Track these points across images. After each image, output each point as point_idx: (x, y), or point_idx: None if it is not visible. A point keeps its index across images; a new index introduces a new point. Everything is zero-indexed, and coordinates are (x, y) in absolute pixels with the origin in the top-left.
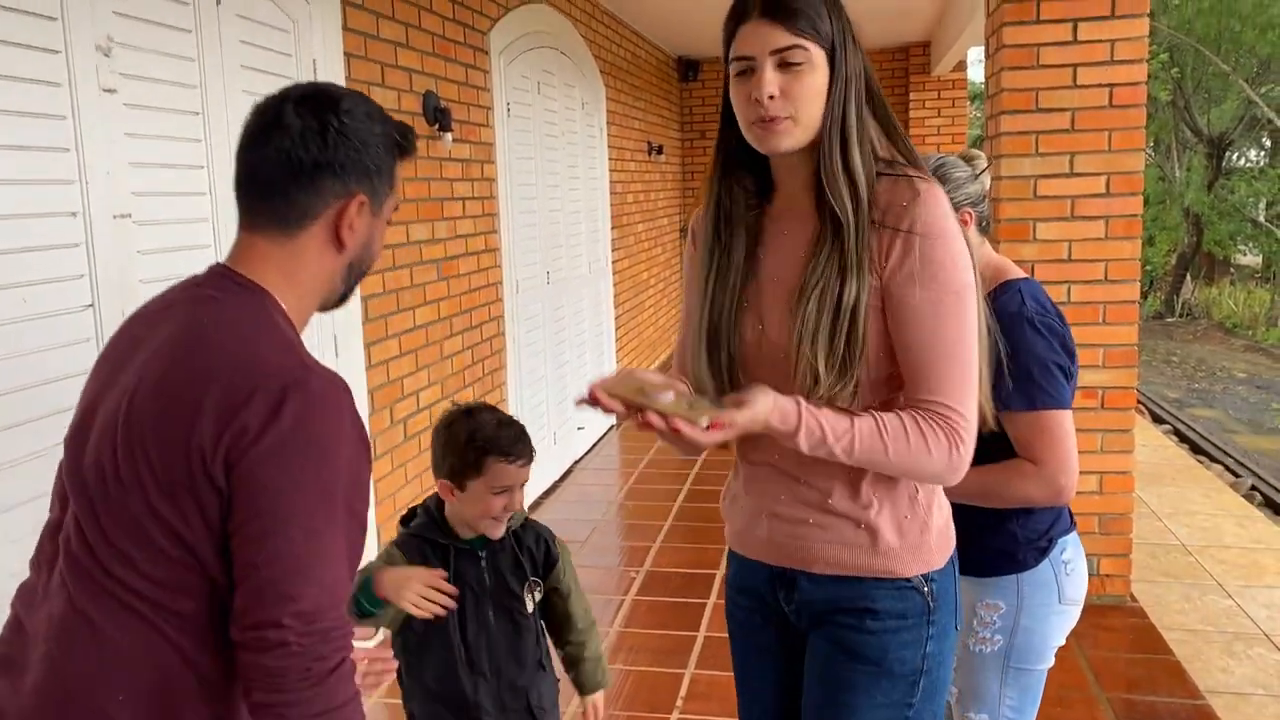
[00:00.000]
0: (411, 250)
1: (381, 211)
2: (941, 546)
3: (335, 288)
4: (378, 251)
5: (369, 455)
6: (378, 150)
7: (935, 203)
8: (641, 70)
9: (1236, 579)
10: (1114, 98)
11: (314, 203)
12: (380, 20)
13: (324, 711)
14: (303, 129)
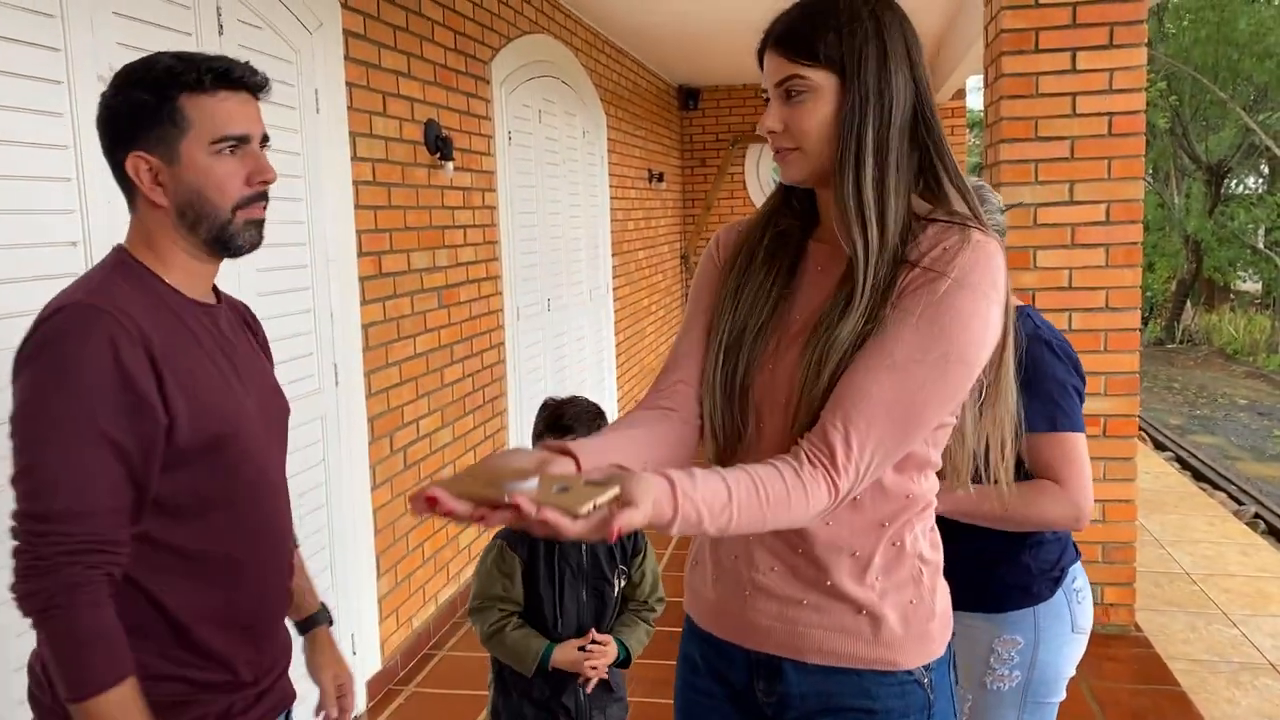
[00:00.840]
0: (413, 278)
1: (179, 156)
2: (943, 633)
3: (185, 238)
4: (215, 188)
5: (132, 383)
6: (133, 110)
7: (986, 257)
8: (642, 98)
9: (1242, 608)
10: (1113, 126)
11: (119, 177)
12: (382, 50)
13: (44, 609)
14: (96, 124)
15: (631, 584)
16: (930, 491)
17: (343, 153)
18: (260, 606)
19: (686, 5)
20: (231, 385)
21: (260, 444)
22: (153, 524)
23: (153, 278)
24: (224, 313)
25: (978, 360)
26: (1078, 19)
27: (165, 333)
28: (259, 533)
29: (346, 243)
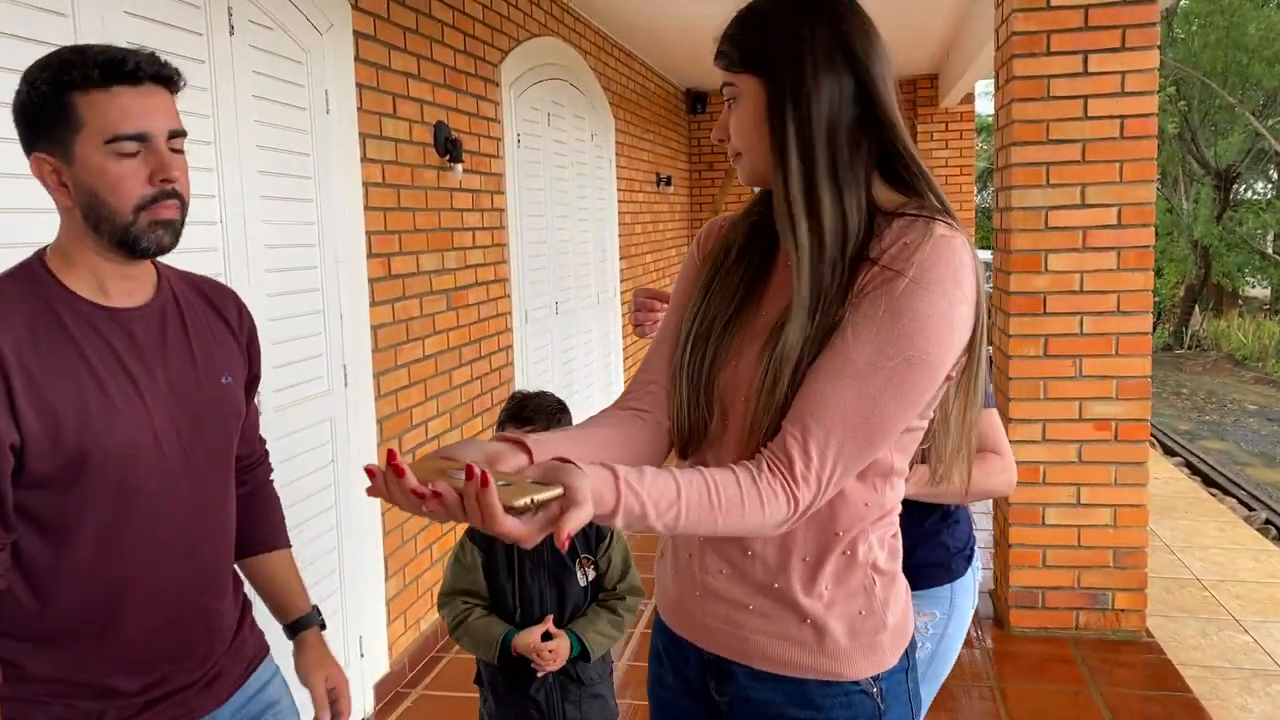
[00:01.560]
0: (421, 280)
1: (74, 156)
2: (896, 644)
3: (92, 236)
4: (109, 189)
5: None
6: (36, 106)
7: (948, 252)
8: (650, 102)
9: (1253, 614)
10: (1125, 129)
11: (35, 178)
12: (392, 52)
13: None
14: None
15: (600, 573)
16: (892, 500)
17: (352, 154)
18: (148, 621)
19: (695, 8)
20: (113, 399)
21: (156, 455)
22: (25, 536)
23: (52, 285)
24: (148, 314)
25: (942, 361)
26: (1090, 22)
27: (38, 347)
28: (146, 548)
29: (356, 244)
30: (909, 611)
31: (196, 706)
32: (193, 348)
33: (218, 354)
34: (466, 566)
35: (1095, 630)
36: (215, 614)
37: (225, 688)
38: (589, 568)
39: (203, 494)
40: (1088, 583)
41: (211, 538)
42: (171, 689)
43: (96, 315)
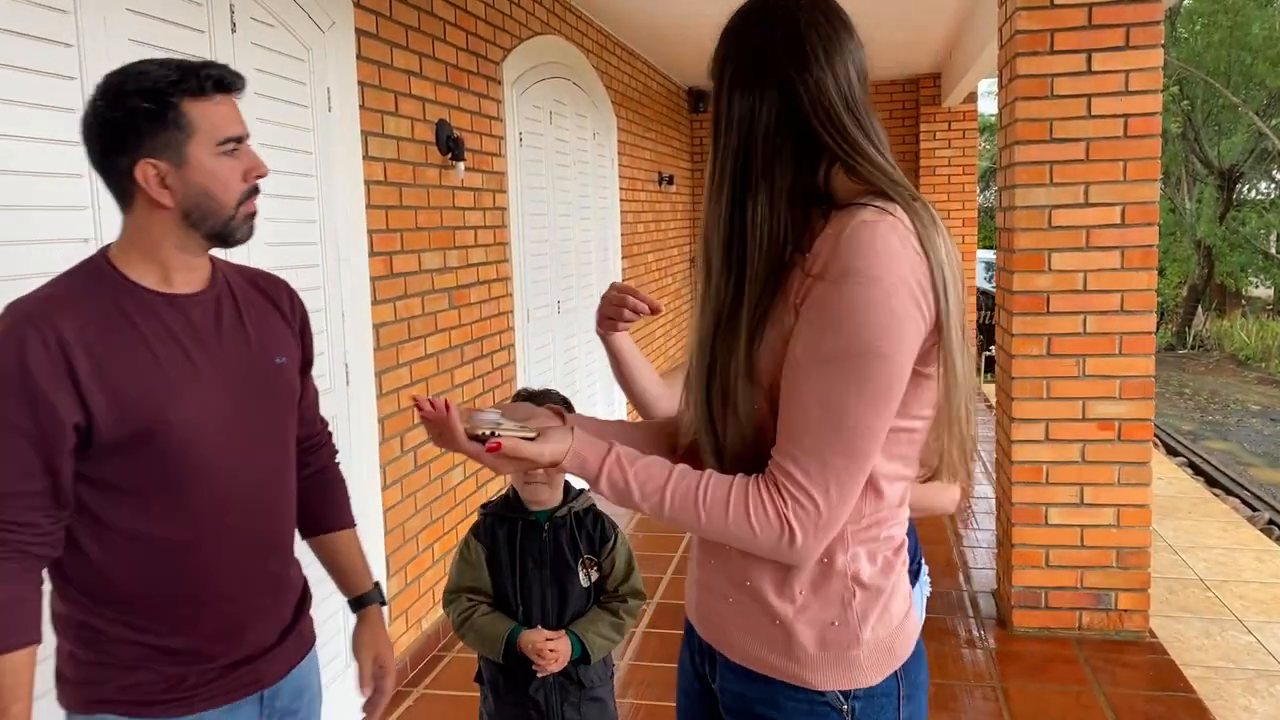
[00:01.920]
0: (423, 279)
1: (187, 159)
2: (876, 663)
3: (188, 233)
4: (220, 187)
5: (32, 380)
6: (134, 119)
7: (870, 238)
8: (652, 100)
9: (1257, 614)
10: (1129, 128)
11: (118, 184)
12: (394, 49)
13: None
14: (82, 129)
15: (603, 574)
16: (880, 511)
17: (354, 152)
18: (214, 586)
19: (697, 6)
20: (173, 378)
21: (215, 428)
22: (96, 504)
23: (116, 278)
24: (205, 300)
25: (895, 350)
26: (1093, 20)
27: (102, 334)
28: (211, 514)
29: (358, 242)
30: (904, 633)
31: (265, 674)
32: (247, 330)
33: (270, 336)
34: (471, 563)
35: (1098, 630)
36: (281, 578)
37: (288, 661)
38: (592, 569)
39: (265, 466)
40: (1091, 583)
41: (273, 506)
42: (247, 654)
43: (157, 302)
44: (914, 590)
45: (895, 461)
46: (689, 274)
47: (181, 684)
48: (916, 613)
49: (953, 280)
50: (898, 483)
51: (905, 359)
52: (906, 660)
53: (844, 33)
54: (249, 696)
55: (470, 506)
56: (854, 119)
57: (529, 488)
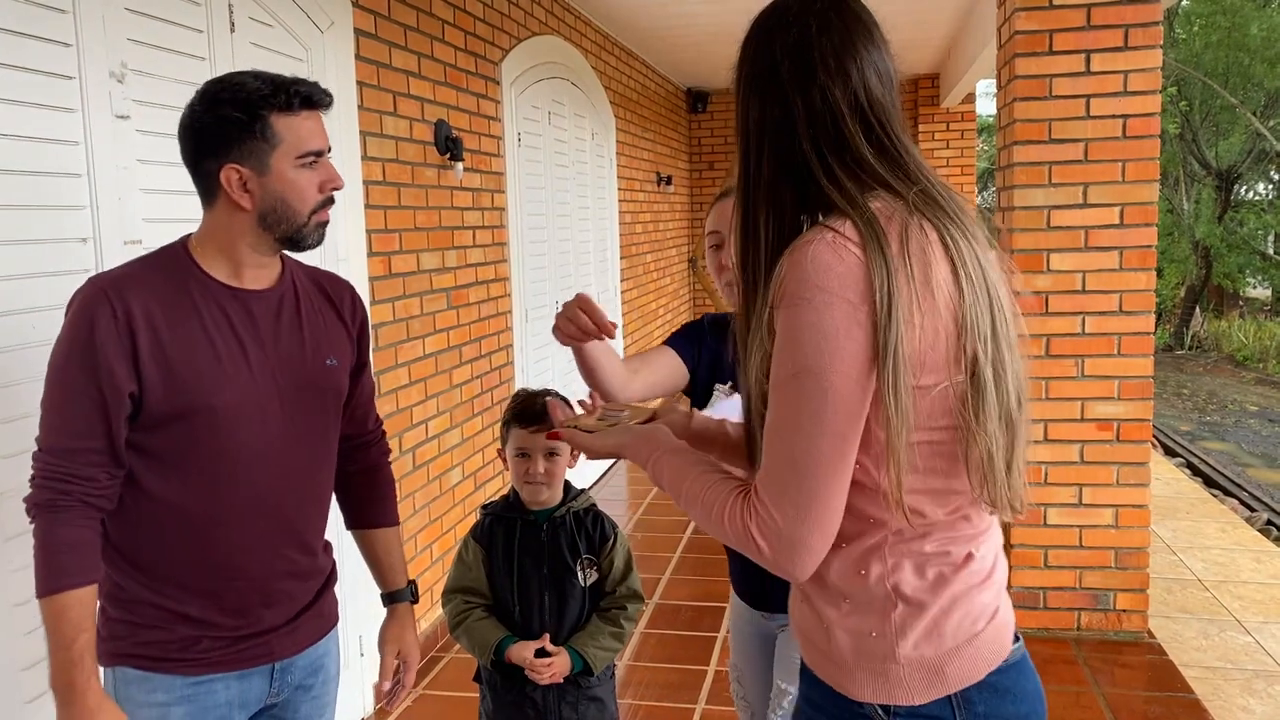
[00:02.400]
0: (422, 279)
1: (269, 168)
2: (920, 682)
3: (261, 235)
4: (297, 197)
5: (99, 350)
6: (225, 126)
7: (799, 262)
8: (651, 101)
9: (1255, 615)
10: (1127, 129)
11: (205, 183)
12: (393, 50)
13: (30, 517)
14: (179, 129)
15: (601, 575)
16: (916, 524)
17: (353, 152)
18: (234, 564)
19: (696, 7)
20: (224, 365)
21: (257, 417)
22: (139, 470)
23: (191, 266)
24: (269, 296)
25: (830, 369)
26: (1092, 21)
27: (167, 314)
28: (240, 496)
29: (357, 243)
30: (963, 658)
31: (277, 649)
32: (303, 329)
33: (325, 338)
34: (468, 564)
35: (1097, 631)
36: (298, 565)
37: (303, 640)
38: (590, 569)
39: (299, 460)
40: (1089, 583)
41: (302, 499)
42: (258, 630)
43: (223, 294)
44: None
45: (920, 475)
46: (687, 274)
47: (195, 646)
48: (1002, 642)
49: (910, 288)
50: (936, 498)
51: (843, 375)
52: (968, 688)
53: (859, 36)
54: (259, 667)
55: (469, 507)
56: (863, 126)
57: (528, 488)
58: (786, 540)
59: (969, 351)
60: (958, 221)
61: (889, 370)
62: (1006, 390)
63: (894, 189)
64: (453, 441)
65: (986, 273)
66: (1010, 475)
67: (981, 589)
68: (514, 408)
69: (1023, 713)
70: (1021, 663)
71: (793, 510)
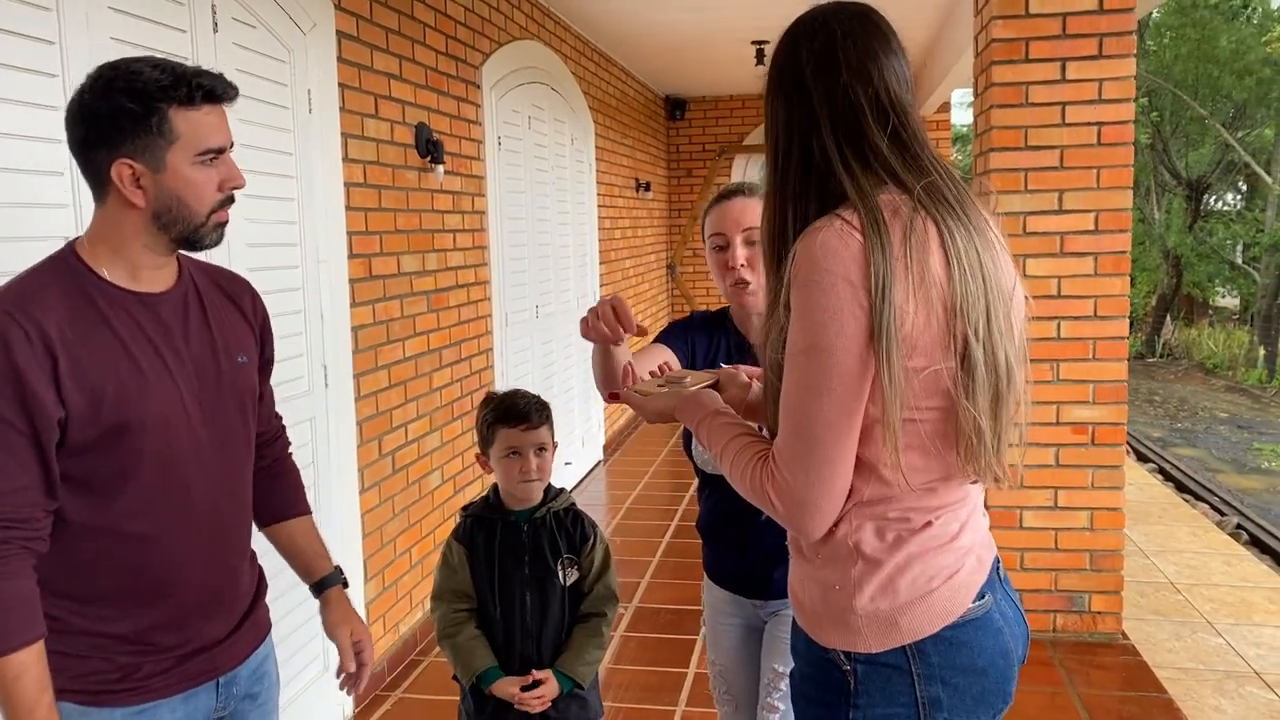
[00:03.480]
0: (402, 281)
1: (165, 165)
2: (879, 634)
3: (156, 235)
4: (194, 196)
5: (23, 377)
6: (118, 117)
7: (807, 247)
8: (629, 108)
9: (1226, 617)
10: (1102, 136)
11: (94, 176)
12: (374, 52)
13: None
14: (67, 114)
15: (582, 575)
16: (885, 493)
17: (334, 154)
18: (173, 579)
19: (674, 15)
20: (146, 374)
21: (184, 425)
22: (70, 500)
23: (85, 273)
24: (172, 298)
25: (835, 344)
26: (1068, 29)
27: (78, 329)
28: (175, 509)
29: (337, 244)
30: (915, 613)
31: (221, 662)
32: (211, 329)
33: (233, 337)
34: (453, 567)
35: (1073, 632)
36: (238, 572)
37: (244, 648)
38: (571, 569)
39: (226, 462)
40: (1065, 585)
41: (235, 503)
42: (201, 645)
43: (127, 299)
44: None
45: (903, 451)
46: (665, 281)
47: (136, 673)
48: (958, 600)
49: (907, 277)
50: (911, 472)
51: (847, 350)
52: (923, 640)
53: (879, 42)
54: (204, 684)
55: (448, 511)
56: (881, 122)
57: (523, 486)
58: (799, 501)
59: (959, 336)
60: (959, 214)
61: (883, 349)
62: (996, 371)
63: (903, 181)
64: (432, 445)
65: (984, 262)
66: (999, 449)
67: (940, 551)
68: (495, 409)
69: (980, 665)
70: (983, 620)
71: (803, 474)
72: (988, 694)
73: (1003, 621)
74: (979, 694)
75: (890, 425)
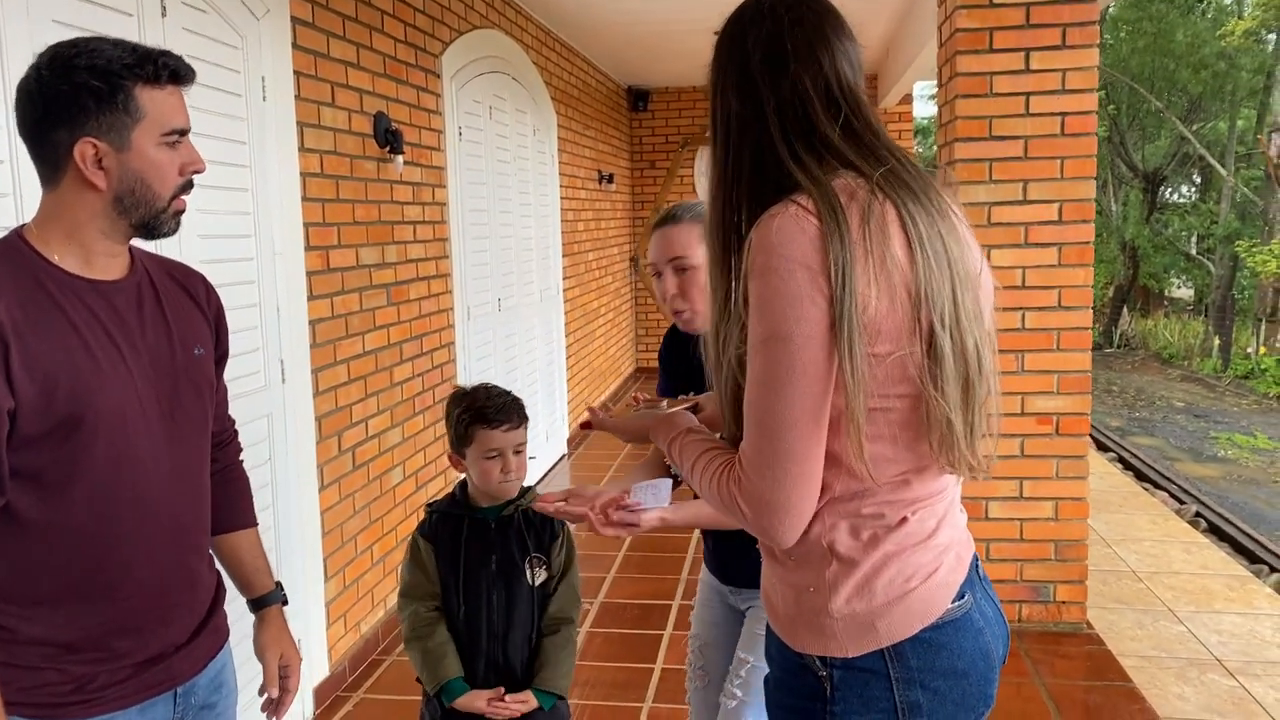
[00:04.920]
0: (360, 274)
1: (130, 144)
2: (853, 636)
3: (115, 220)
4: (158, 178)
5: None
6: (81, 95)
7: (760, 235)
8: (592, 98)
9: (1187, 605)
10: (1066, 126)
11: (50, 158)
12: (331, 39)
13: None
14: (19, 93)
15: (550, 574)
16: (854, 488)
17: (290, 143)
18: (130, 580)
19: (637, 4)
20: (101, 364)
21: (140, 419)
22: (19, 495)
23: (35, 258)
24: (126, 287)
25: (794, 332)
26: (1031, 19)
27: (29, 316)
28: (132, 506)
29: (294, 236)
30: (892, 615)
31: (179, 671)
32: (167, 320)
33: (189, 328)
34: (422, 564)
35: (1038, 623)
36: (197, 574)
37: (203, 657)
38: (540, 568)
39: (184, 458)
40: (1030, 576)
41: (192, 501)
42: (159, 651)
43: (80, 286)
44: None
45: (868, 441)
46: (629, 273)
47: (90, 684)
48: (936, 600)
49: (867, 261)
50: (879, 464)
51: (809, 338)
52: (901, 643)
53: (830, 26)
54: (161, 695)
55: (410, 507)
56: (833, 112)
57: (502, 486)
58: (767, 503)
59: (924, 323)
60: (920, 199)
61: (844, 336)
62: (965, 358)
63: (859, 169)
64: (393, 440)
65: (948, 247)
66: (972, 438)
67: (917, 550)
68: (472, 408)
69: (960, 668)
70: (962, 620)
71: (769, 473)
72: (968, 697)
73: (983, 622)
74: (959, 698)
75: (854, 416)
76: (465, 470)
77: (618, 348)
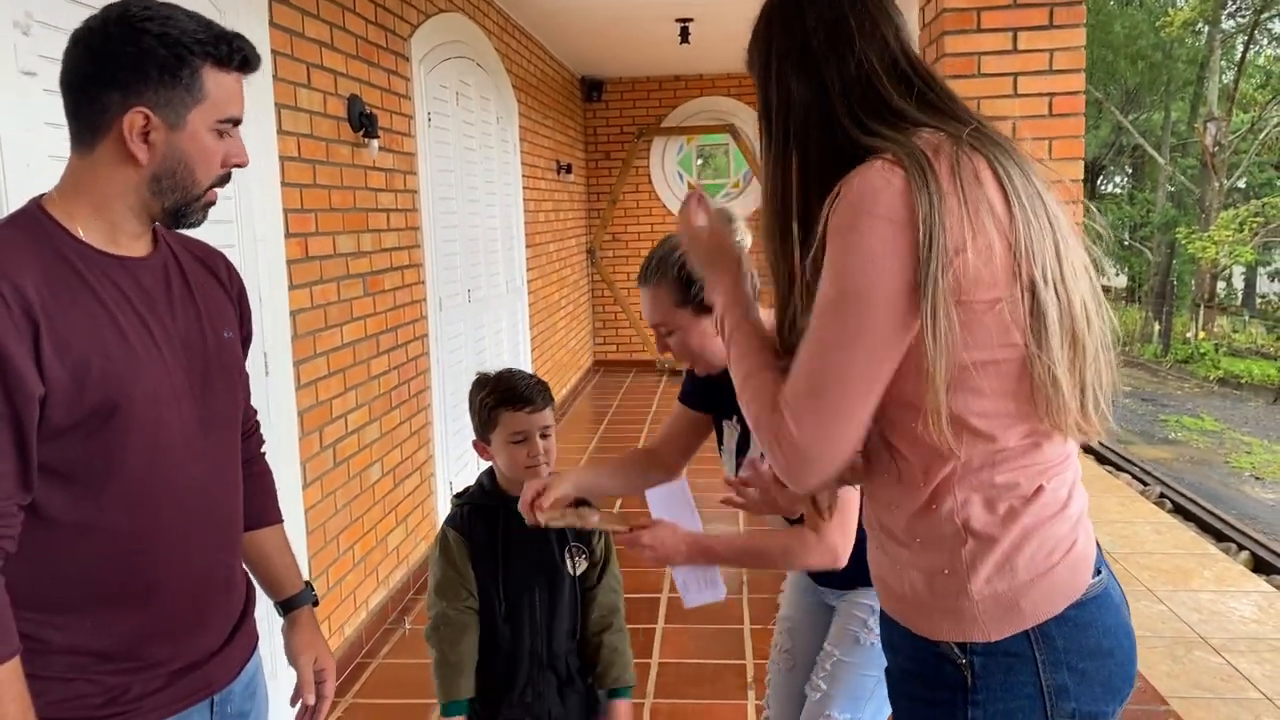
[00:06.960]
0: (338, 263)
1: (185, 124)
2: (995, 619)
3: (147, 200)
4: (203, 164)
5: (2, 350)
6: (145, 61)
7: (857, 186)
8: (550, 87)
9: (1164, 584)
10: (1054, 107)
11: (93, 119)
12: (305, 18)
13: None
14: (75, 43)
15: (591, 563)
16: (988, 454)
17: (269, 124)
18: (166, 582)
19: None
20: (134, 347)
21: (174, 405)
22: (47, 494)
23: (60, 233)
24: (153, 265)
25: (870, 290)
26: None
27: (57, 294)
28: (165, 504)
29: (274, 222)
30: (1038, 592)
31: (215, 678)
32: (196, 300)
33: (217, 310)
34: (454, 560)
35: None
36: (234, 573)
37: (237, 661)
38: (580, 558)
39: (218, 450)
40: None
41: (227, 493)
42: (195, 658)
43: (107, 263)
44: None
45: (987, 398)
46: (586, 264)
47: (124, 696)
48: (1080, 575)
49: (960, 211)
50: (1005, 422)
51: (885, 295)
52: (1046, 622)
53: (887, 1)
54: (199, 703)
55: (389, 505)
56: (904, 84)
57: (531, 471)
58: (800, 452)
59: (1025, 277)
60: (1013, 156)
61: (928, 296)
62: (1071, 314)
63: (941, 129)
64: (372, 436)
65: (1047, 203)
66: (1084, 399)
67: (1054, 521)
68: (496, 391)
69: (1106, 647)
70: (1103, 596)
71: (810, 424)
72: (1114, 679)
73: (1120, 598)
74: (1105, 679)
75: (932, 376)
76: (492, 458)
77: (577, 340)
